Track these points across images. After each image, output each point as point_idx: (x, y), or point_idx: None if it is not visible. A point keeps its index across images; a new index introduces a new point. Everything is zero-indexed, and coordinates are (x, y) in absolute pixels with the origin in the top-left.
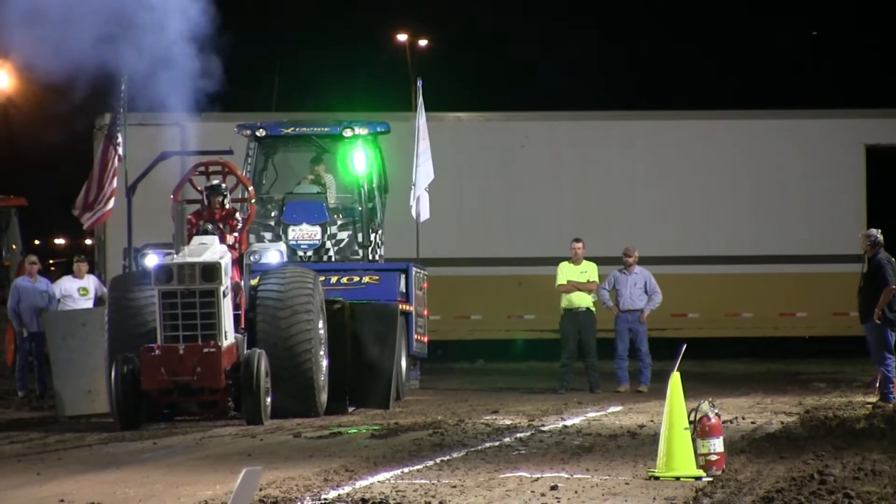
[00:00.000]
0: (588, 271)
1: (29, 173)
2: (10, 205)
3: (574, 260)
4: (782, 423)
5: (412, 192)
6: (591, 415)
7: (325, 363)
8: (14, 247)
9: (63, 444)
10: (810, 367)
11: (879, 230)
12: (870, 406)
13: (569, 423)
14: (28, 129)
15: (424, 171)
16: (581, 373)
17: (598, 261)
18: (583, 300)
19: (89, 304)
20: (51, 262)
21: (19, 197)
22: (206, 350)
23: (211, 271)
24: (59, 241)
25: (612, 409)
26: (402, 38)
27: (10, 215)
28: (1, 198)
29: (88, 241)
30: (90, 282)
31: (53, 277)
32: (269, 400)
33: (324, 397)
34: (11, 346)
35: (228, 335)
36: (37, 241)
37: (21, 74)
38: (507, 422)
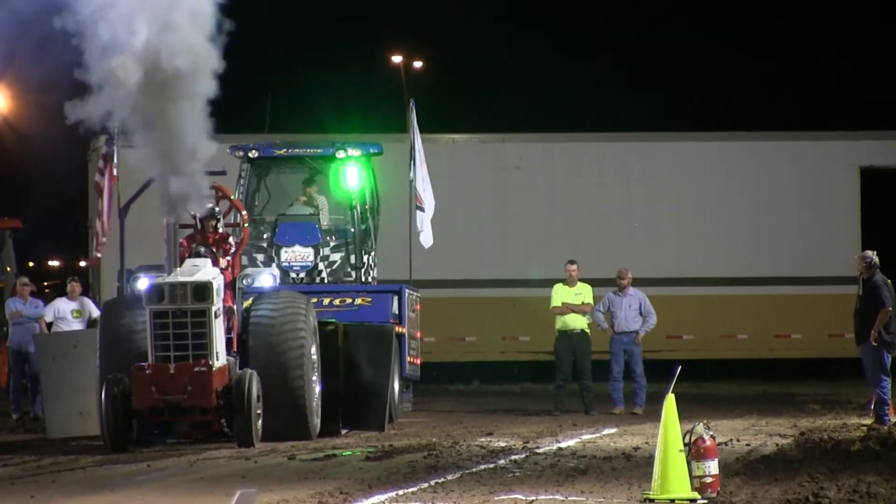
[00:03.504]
0: (583, 293)
1: (23, 195)
2: (5, 227)
3: (569, 282)
4: (777, 445)
5: (420, 217)
6: (586, 437)
7: (317, 388)
8: (8, 269)
9: (57, 466)
10: (805, 389)
11: (875, 252)
12: (865, 428)
13: (563, 445)
14: (23, 150)
15: (430, 196)
16: (576, 395)
17: (593, 282)
18: (577, 322)
19: (82, 326)
20: (45, 283)
21: (14, 219)
22: (196, 369)
23: (202, 291)
24: (54, 263)
25: (607, 431)
26: (398, 59)
27: (4, 237)
28: None
29: (83, 263)
30: (83, 304)
31: (47, 299)
32: (260, 421)
33: (317, 422)
34: (6, 368)
35: (220, 356)
36: (31, 264)
37: (16, 95)
38: (502, 444)
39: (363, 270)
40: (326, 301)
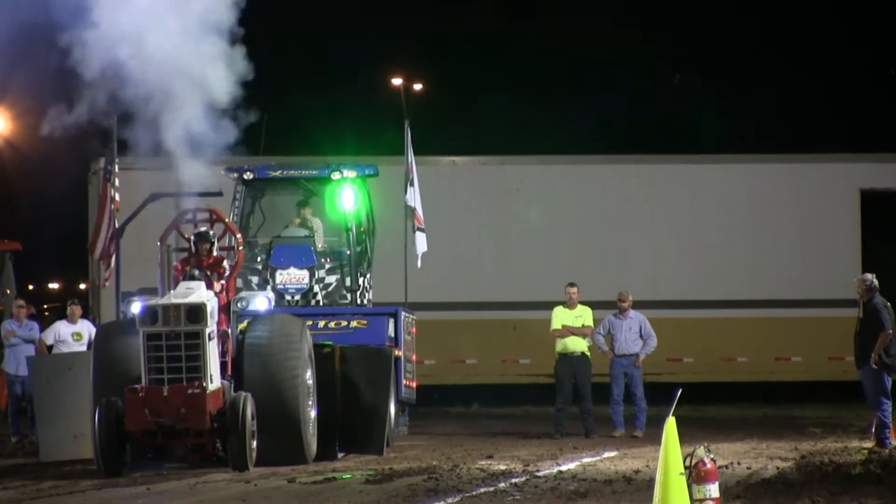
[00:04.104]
0: (583, 316)
1: (23, 217)
2: (5, 249)
3: (569, 304)
4: (778, 468)
5: (418, 237)
6: (587, 460)
7: (313, 412)
8: (8, 291)
9: (57, 489)
10: (806, 412)
11: (875, 275)
12: (866, 451)
13: (564, 468)
14: (23, 172)
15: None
16: (576, 417)
17: (593, 305)
18: (578, 345)
19: (83, 349)
20: (45, 306)
21: (14, 241)
22: (190, 391)
23: (196, 312)
24: (54, 285)
25: (608, 454)
26: (397, 81)
27: (4, 259)
28: None
29: (83, 286)
30: (84, 326)
31: (47, 322)
32: (254, 443)
33: (312, 445)
34: (5, 391)
35: (214, 379)
36: (31, 286)
37: (17, 116)
38: (502, 467)
39: (359, 293)
40: (322, 324)
